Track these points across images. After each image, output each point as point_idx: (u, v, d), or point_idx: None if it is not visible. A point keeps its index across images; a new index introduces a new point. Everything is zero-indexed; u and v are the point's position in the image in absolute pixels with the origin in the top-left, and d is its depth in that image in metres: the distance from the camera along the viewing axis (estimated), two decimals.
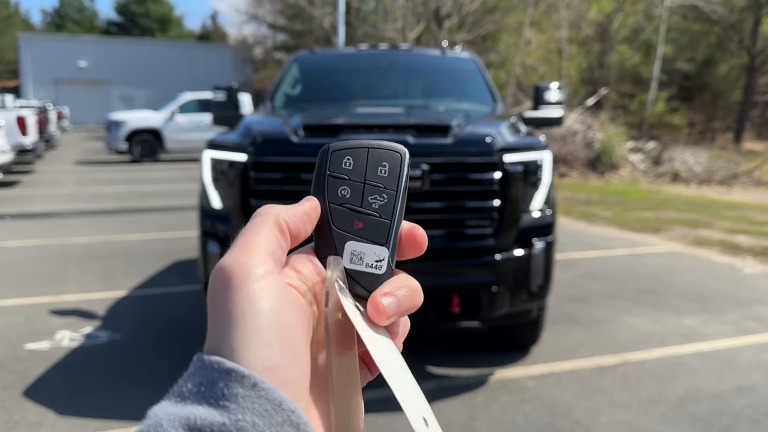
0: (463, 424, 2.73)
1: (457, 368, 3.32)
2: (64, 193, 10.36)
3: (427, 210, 2.83)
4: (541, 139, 3.12)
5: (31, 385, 3.09)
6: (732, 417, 2.81)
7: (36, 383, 3.11)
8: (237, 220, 2.92)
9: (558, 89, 3.93)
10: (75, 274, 5.21)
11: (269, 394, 0.29)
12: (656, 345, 3.71)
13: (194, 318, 4.07)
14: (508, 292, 2.92)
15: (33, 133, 12.26)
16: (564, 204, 9.24)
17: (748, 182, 13.29)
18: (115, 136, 15.26)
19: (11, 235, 6.85)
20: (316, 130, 3.02)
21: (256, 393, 0.29)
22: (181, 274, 5.24)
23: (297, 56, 4.58)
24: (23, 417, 2.77)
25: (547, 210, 3.06)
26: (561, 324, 4.04)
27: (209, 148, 3.11)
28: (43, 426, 2.70)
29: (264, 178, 2.86)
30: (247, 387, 0.29)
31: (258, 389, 0.29)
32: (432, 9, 20.93)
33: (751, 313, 4.34)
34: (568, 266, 5.53)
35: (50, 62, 35.30)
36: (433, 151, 2.83)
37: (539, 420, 2.78)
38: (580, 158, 13.73)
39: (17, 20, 46.64)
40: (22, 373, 3.23)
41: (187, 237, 6.62)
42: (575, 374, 3.28)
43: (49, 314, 4.15)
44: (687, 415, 2.82)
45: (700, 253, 6.27)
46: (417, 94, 4.40)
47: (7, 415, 2.79)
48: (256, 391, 0.29)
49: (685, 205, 9.76)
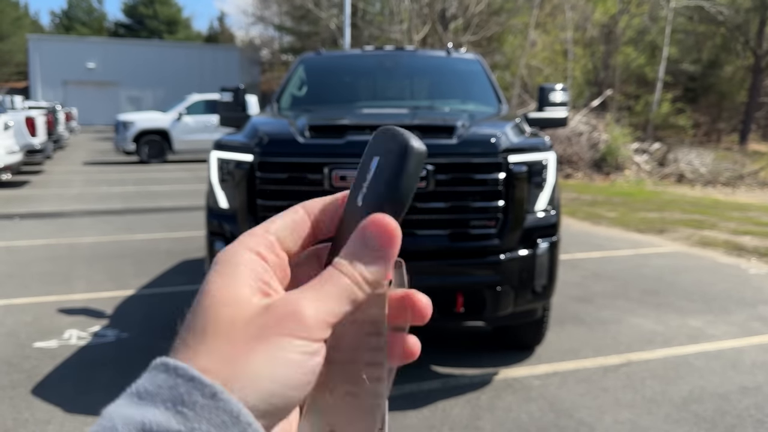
0: (467, 424, 2.75)
1: (461, 368, 3.34)
2: (72, 193, 10.44)
3: (432, 210, 2.85)
4: (545, 140, 3.14)
5: (39, 383, 3.12)
6: (736, 417, 2.82)
7: (44, 381, 3.15)
8: (243, 220, 2.95)
9: (562, 90, 3.94)
10: (83, 274, 5.25)
11: (227, 406, 0.28)
12: (660, 345, 3.71)
13: None
14: (512, 292, 2.93)
15: (42, 134, 12.37)
16: (569, 205, 9.24)
17: (754, 183, 13.24)
18: (124, 137, 15.39)
19: (20, 234, 6.91)
20: (321, 130, 3.05)
21: (215, 404, 0.28)
22: (189, 273, 5.28)
23: (303, 58, 4.61)
24: (32, 415, 2.80)
25: (552, 210, 3.07)
26: (565, 324, 4.05)
27: (216, 148, 3.14)
28: (51, 424, 2.72)
29: (270, 178, 2.89)
30: (207, 396, 0.29)
31: (217, 400, 0.29)
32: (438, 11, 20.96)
33: (756, 313, 4.33)
34: (572, 266, 5.53)
35: (59, 64, 35.57)
36: (438, 152, 2.84)
37: (543, 419, 2.79)
38: (585, 159, 13.71)
39: (26, 22, 46.98)
40: (31, 371, 3.26)
41: (195, 237, 6.67)
42: (579, 374, 3.29)
43: (58, 313, 4.19)
44: (691, 415, 2.83)
45: (704, 254, 6.26)
46: (422, 95, 4.42)
47: (16, 412, 2.82)
48: (215, 401, 0.28)
49: (690, 206, 9.73)
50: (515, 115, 3.87)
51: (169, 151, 15.56)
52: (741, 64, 27.11)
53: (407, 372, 3.24)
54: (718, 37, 27.10)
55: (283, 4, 30.13)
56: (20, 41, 40.80)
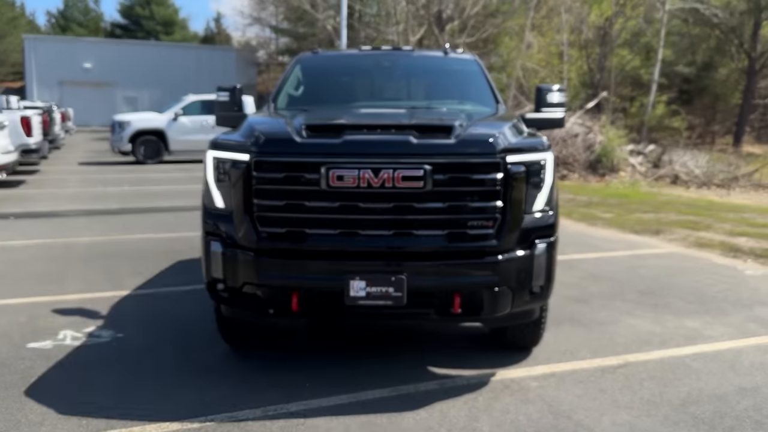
0: (465, 425, 2.74)
1: (458, 369, 3.32)
2: (68, 193, 10.40)
3: (430, 210, 2.83)
4: (543, 140, 3.13)
5: (32, 384, 3.09)
6: (734, 419, 2.81)
7: (38, 382, 3.12)
8: (240, 220, 2.93)
9: (560, 91, 3.93)
10: (78, 274, 5.22)
11: None
12: (658, 346, 3.71)
13: (199, 318, 4.06)
14: (510, 293, 2.92)
15: (37, 134, 12.36)
16: (565, 206, 9.25)
17: (748, 185, 13.31)
18: (120, 137, 15.40)
19: (15, 234, 6.87)
20: (318, 130, 3.03)
21: None
22: (185, 273, 5.25)
23: (300, 57, 4.60)
24: (25, 416, 2.77)
25: (550, 211, 3.06)
26: (562, 325, 4.04)
27: (212, 148, 3.12)
28: (44, 425, 2.69)
29: (267, 177, 2.87)
30: None
31: None
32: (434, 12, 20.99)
33: (752, 314, 4.34)
34: (569, 267, 5.54)
35: (55, 64, 35.50)
36: (436, 152, 2.83)
37: (542, 421, 2.78)
38: (581, 160, 13.76)
39: (22, 21, 46.84)
40: (24, 372, 3.23)
41: (191, 237, 6.63)
42: (577, 375, 3.29)
43: (52, 313, 4.16)
44: (689, 417, 2.82)
45: (701, 255, 6.28)
46: (420, 95, 4.41)
47: (8, 414, 2.79)
48: None
49: (686, 207, 9.77)
50: (513, 115, 3.86)
51: (166, 151, 15.56)
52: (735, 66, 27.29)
53: (404, 373, 3.23)
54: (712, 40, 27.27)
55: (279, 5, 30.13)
56: (16, 41, 40.67)
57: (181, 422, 2.72)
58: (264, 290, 2.90)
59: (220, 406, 2.88)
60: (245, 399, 2.94)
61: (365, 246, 2.84)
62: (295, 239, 2.85)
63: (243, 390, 3.05)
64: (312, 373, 3.26)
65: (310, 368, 3.33)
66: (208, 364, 3.38)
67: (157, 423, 2.71)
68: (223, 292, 3.03)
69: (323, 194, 2.78)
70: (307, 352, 3.59)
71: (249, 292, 2.93)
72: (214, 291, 3.08)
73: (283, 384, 3.11)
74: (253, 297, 2.94)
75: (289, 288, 2.88)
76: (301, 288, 2.89)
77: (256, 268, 2.88)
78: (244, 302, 2.99)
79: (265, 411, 2.82)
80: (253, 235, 2.88)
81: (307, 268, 2.88)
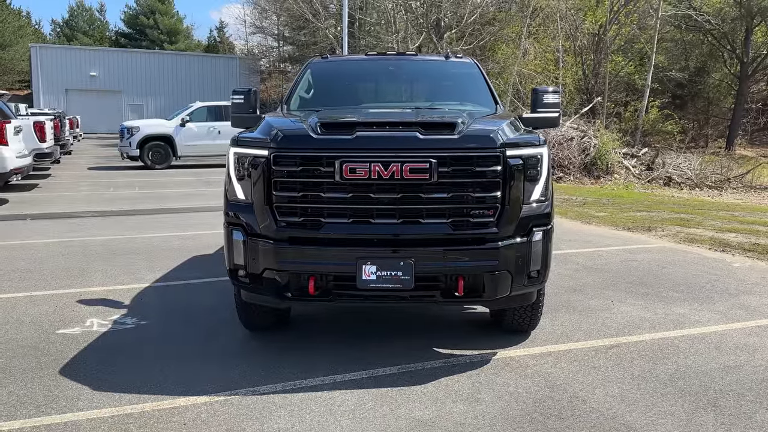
0: (468, 396, 2.97)
1: (462, 349, 3.55)
2: (81, 195, 10.66)
3: (436, 200, 3.08)
4: (539, 136, 3.39)
5: (66, 365, 3.29)
6: (718, 392, 3.04)
7: (70, 363, 3.32)
8: (260, 211, 3.17)
9: (554, 93, 4.16)
10: (98, 268, 5.45)
11: None
12: (648, 330, 3.95)
13: (218, 306, 4.30)
14: (509, 277, 3.16)
15: (50, 139, 12.71)
16: (560, 205, 9.50)
17: (740, 186, 13.58)
18: (128, 143, 15.74)
19: (33, 234, 7.09)
20: (332, 127, 3.28)
21: None
22: (201, 268, 5.48)
23: (310, 62, 4.86)
24: (62, 392, 2.98)
25: (545, 201, 3.30)
26: (558, 311, 4.28)
27: (233, 145, 3.36)
28: (80, 400, 2.89)
29: (285, 171, 3.11)
30: None
31: None
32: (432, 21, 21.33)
33: (738, 302, 4.58)
34: (564, 260, 5.78)
35: (61, 72, 35.84)
36: (441, 146, 3.07)
37: (539, 393, 3.02)
38: (576, 163, 14.03)
39: (28, 30, 47.15)
40: (57, 354, 3.44)
41: (204, 235, 6.88)
42: (572, 354, 3.52)
43: (78, 304, 4.38)
44: (676, 390, 3.05)
45: (691, 250, 6.52)
46: (423, 96, 4.67)
47: (46, 390, 3.00)
48: None
49: (678, 206, 10.03)
50: (511, 114, 4.12)
51: (173, 156, 15.90)
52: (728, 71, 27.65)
53: (411, 354, 3.47)
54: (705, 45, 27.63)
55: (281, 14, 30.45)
56: (23, 50, 41.02)
57: (209, 395, 2.94)
58: (283, 275, 3.14)
59: (243, 381, 3.11)
60: (266, 376, 3.17)
61: (376, 233, 3.08)
62: (311, 227, 3.09)
63: (263, 369, 3.28)
64: (326, 353, 3.50)
65: (324, 349, 3.57)
66: (229, 347, 3.62)
67: (185, 397, 2.92)
68: (245, 278, 3.26)
69: (337, 186, 3.03)
70: (320, 335, 3.82)
71: (269, 278, 3.17)
72: (235, 277, 3.31)
73: (300, 363, 3.35)
74: (272, 281, 3.17)
75: (306, 273, 3.13)
76: (317, 273, 3.13)
77: (276, 254, 3.12)
78: (264, 287, 3.22)
79: (285, 386, 3.06)
80: (273, 224, 3.12)
81: (322, 254, 3.11)
